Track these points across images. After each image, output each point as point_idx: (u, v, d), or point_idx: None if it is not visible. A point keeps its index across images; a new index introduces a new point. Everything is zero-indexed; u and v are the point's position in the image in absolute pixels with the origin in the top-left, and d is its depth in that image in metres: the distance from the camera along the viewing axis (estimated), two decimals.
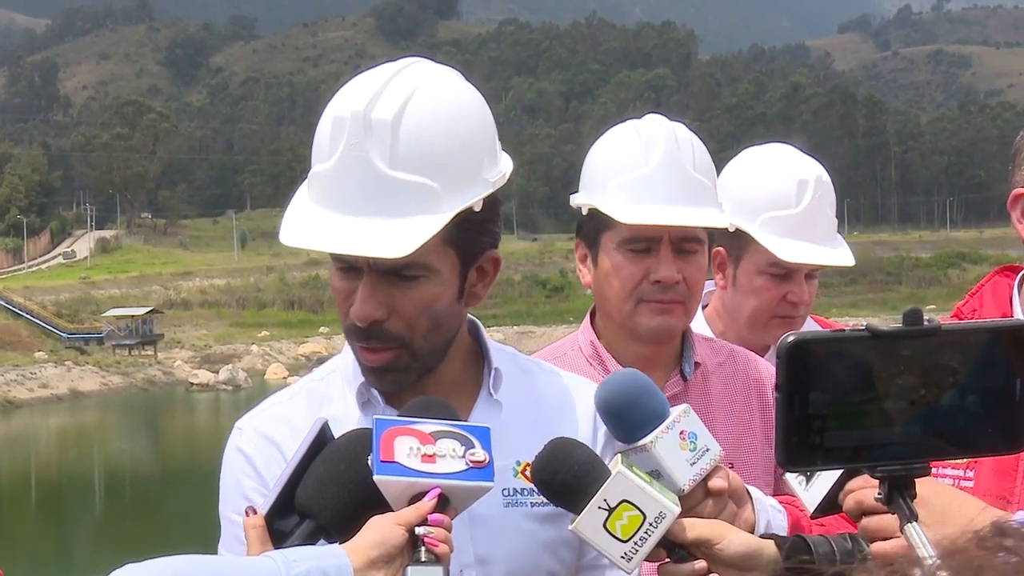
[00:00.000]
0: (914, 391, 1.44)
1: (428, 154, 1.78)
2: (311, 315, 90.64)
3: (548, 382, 2.07)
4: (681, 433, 1.89)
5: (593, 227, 2.53)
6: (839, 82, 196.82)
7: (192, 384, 64.92)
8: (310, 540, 1.72)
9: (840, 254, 3.06)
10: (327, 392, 1.99)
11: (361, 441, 1.71)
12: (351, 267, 1.83)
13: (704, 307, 3.16)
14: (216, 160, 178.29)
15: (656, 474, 1.88)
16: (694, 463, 1.89)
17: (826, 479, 1.89)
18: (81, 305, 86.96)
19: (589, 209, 2.51)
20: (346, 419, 1.89)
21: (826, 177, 3.07)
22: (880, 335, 1.42)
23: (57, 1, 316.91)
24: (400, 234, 1.76)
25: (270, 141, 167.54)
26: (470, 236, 1.87)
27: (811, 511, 1.94)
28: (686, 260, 2.48)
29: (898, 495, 1.48)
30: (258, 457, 1.91)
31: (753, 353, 2.74)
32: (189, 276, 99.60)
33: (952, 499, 1.67)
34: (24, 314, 79.96)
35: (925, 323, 1.43)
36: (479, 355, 2.01)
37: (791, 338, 1.43)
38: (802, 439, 1.44)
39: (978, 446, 1.49)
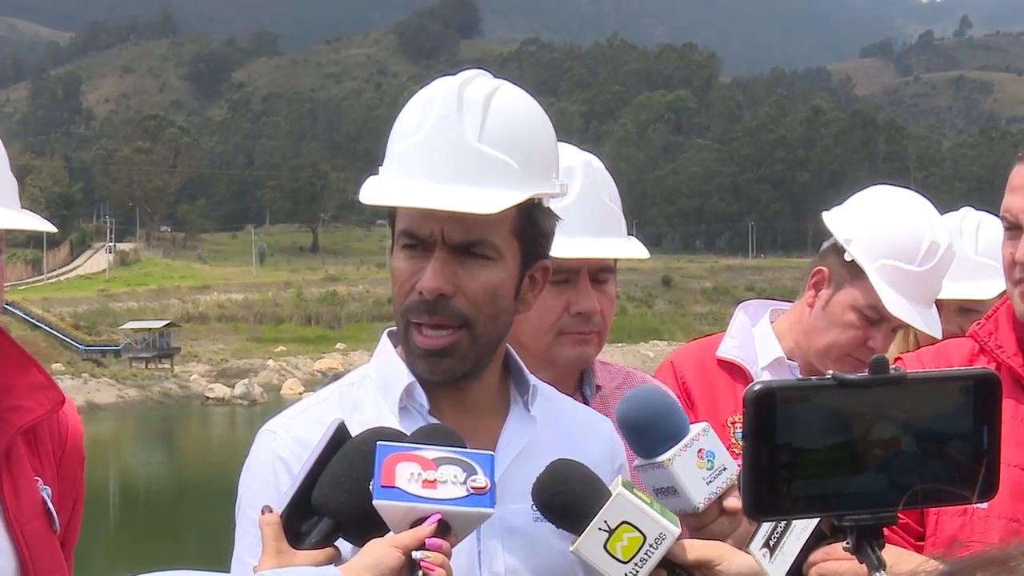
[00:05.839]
0: (881, 440, 1.44)
1: (512, 135, 1.91)
2: (328, 331, 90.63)
3: (568, 407, 2.12)
4: (699, 452, 1.92)
5: None
6: (860, 106, 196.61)
7: (208, 398, 64.89)
8: (328, 539, 1.73)
9: (935, 323, 3.01)
10: (359, 397, 1.99)
11: (376, 439, 1.72)
12: (421, 244, 1.89)
13: (771, 322, 3.14)
14: (236, 175, 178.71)
15: (672, 491, 1.92)
16: (710, 481, 1.92)
17: (789, 551, 1.88)
18: (99, 317, 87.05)
19: None
20: (380, 425, 1.89)
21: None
22: (846, 383, 1.42)
23: (81, 14, 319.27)
24: (485, 199, 1.85)
25: (291, 157, 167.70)
26: (533, 235, 1.96)
27: None
28: (601, 291, 2.47)
29: (866, 544, 1.47)
30: (295, 461, 1.89)
31: (649, 375, 2.74)
32: (207, 290, 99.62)
33: (899, 557, 1.68)
34: (42, 325, 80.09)
35: (891, 372, 1.43)
36: (508, 373, 2.06)
37: (757, 387, 1.43)
38: (769, 487, 1.43)
39: (946, 495, 1.47)
